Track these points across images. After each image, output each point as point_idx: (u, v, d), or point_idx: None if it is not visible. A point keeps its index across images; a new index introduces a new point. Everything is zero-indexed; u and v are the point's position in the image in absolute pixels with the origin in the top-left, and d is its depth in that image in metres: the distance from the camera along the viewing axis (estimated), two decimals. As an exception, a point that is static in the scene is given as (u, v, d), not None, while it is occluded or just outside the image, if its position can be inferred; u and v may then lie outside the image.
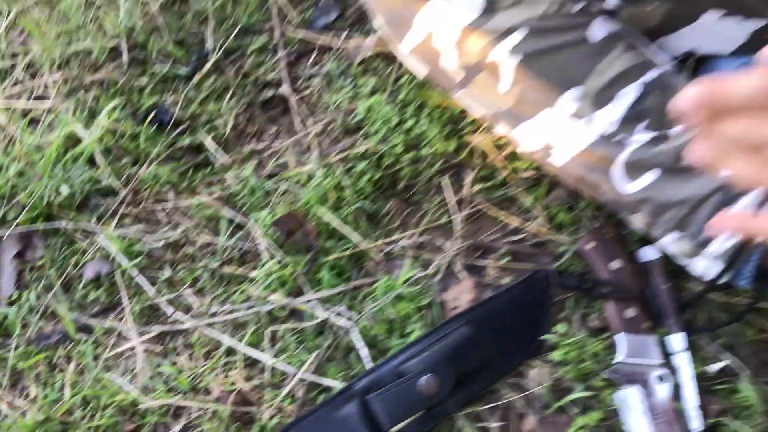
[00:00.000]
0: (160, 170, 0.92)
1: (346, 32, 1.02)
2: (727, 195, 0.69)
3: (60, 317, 0.83)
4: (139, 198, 0.92)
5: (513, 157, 0.87)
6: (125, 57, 1.02)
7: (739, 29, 0.75)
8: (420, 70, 0.80)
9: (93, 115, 0.96)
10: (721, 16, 0.73)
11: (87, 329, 0.83)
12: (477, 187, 0.87)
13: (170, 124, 0.96)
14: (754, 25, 0.74)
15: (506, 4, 0.70)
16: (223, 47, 1.02)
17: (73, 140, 0.94)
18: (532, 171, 0.86)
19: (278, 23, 1.05)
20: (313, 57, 1.02)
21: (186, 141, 0.95)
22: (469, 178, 0.88)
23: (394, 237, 0.85)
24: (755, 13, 0.72)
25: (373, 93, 0.95)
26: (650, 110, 0.71)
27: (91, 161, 0.93)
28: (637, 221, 0.75)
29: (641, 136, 0.71)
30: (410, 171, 0.89)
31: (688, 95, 0.38)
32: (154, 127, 0.95)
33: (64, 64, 1.02)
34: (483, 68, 0.73)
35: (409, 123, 0.90)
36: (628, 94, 0.71)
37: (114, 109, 0.96)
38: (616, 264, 0.77)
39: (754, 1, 0.71)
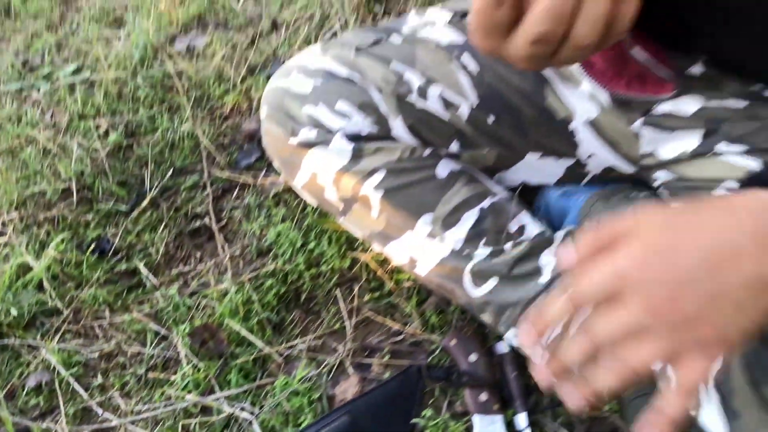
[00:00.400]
0: (99, 292, 1.06)
1: (264, 171, 1.21)
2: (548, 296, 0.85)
3: (3, 421, 0.94)
4: (80, 316, 1.06)
5: (395, 270, 1.03)
6: (75, 197, 1.19)
7: (557, 166, 0.93)
8: (312, 202, 0.97)
9: (43, 246, 1.12)
10: (540, 156, 0.92)
11: (26, 431, 0.94)
12: (366, 297, 1.03)
13: (110, 253, 1.12)
14: (567, 162, 0.93)
15: (369, 151, 0.88)
16: (160, 186, 1.19)
17: (24, 269, 1.09)
18: (410, 282, 1.02)
19: (207, 165, 1.23)
20: (235, 192, 1.20)
21: (123, 266, 1.10)
22: (359, 289, 1.04)
23: (295, 342, 0.99)
24: (564, 154, 0.91)
25: (283, 221, 1.12)
26: (488, 230, 0.88)
27: (40, 286, 1.08)
28: (487, 320, 0.90)
29: (482, 251, 0.88)
30: (311, 285, 1.04)
31: (522, 330, 0.50)
32: (96, 256, 1.11)
33: (21, 205, 1.18)
34: (357, 200, 0.91)
35: (312, 245, 1.07)
36: (470, 218, 0.88)
37: (62, 241, 1.11)
38: (473, 357, 0.92)
39: (562, 146, 0.90)
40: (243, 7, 1.62)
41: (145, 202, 1.17)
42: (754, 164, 0.74)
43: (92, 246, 1.11)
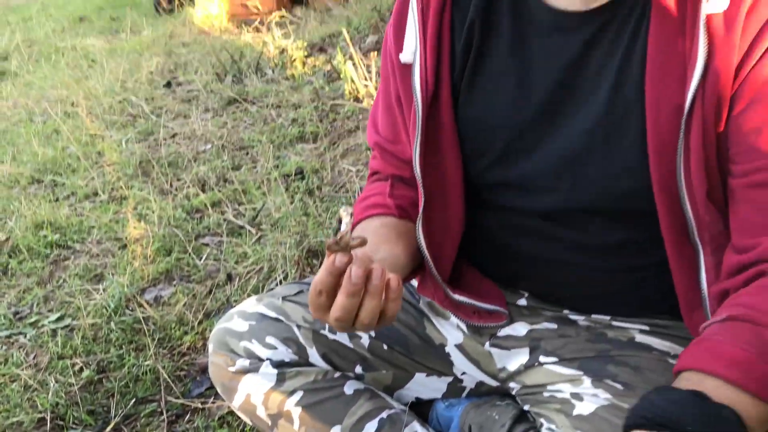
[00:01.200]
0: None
1: (213, 397, 1.40)
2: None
3: None
4: None
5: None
6: (48, 425, 1.35)
7: (440, 382, 1.15)
8: (248, 421, 1.15)
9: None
10: (426, 375, 1.14)
11: None
12: (293, 501, 1.17)
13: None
14: (448, 379, 1.14)
15: (291, 375, 1.08)
16: (123, 413, 1.36)
17: (-2, 489, 1.22)
18: (330, 487, 1.17)
19: (165, 394, 1.41)
20: (187, 417, 1.37)
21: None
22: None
23: None
24: (444, 373, 1.13)
25: (225, 438, 1.29)
26: (386, 437, 1.07)
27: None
28: None
29: (382, 452, 1.06)
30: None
31: None
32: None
33: (0, 435, 1.33)
34: (282, 416, 1.09)
35: (248, 460, 1.23)
36: (371, 428, 1.06)
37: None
38: None
39: (441, 366, 1.12)
40: (204, 263, 1.91)
41: (109, 428, 1.33)
42: (563, 370, 0.97)
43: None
